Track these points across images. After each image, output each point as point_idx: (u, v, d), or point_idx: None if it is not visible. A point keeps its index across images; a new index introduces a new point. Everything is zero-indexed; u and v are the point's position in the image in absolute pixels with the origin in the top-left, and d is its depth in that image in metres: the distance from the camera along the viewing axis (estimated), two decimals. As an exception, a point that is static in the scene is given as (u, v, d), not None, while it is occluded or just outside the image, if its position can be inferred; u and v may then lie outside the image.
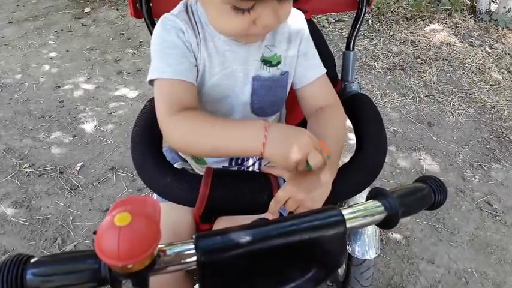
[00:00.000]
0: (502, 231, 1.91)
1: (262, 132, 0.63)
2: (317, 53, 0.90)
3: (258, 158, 0.96)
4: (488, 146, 2.40)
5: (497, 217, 1.98)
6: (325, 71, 0.89)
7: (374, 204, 0.62)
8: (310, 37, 0.89)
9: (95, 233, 0.46)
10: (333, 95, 0.88)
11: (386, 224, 0.62)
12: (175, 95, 0.72)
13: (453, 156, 2.32)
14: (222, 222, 0.88)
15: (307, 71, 0.87)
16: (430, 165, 2.25)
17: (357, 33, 1.14)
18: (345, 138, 0.82)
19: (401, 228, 1.90)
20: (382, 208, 0.62)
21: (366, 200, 0.64)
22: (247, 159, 0.95)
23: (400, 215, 0.62)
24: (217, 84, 0.82)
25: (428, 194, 0.68)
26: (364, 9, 1.11)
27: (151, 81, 0.76)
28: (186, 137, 0.69)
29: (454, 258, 1.78)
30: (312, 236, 0.56)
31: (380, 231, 1.85)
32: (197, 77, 0.80)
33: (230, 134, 0.66)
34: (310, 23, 1.14)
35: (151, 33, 1.05)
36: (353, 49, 1.14)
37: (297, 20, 0.87)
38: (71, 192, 2.04)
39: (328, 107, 0.84)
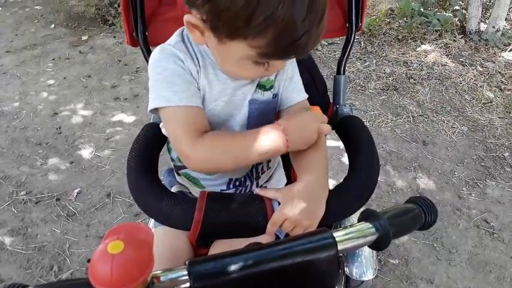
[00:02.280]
0: (500, 248, 1.91)
1: (281, 133, 0.73)
2: (300, 79, 0.93)
3: (255, 177, 0.97)
4: (483, 164, 2.42)
5: (494, 235, 1.98)
6: (307, 96, 0.92)
7: (365, 226, 0.63)
8: (295, 61, 0.92)
9: (89, 261, 0.47)
10: None
11: (377, 245, 0.63)
12: (190, 121, 0.75)
13: (448, 174, 2.34)
14: (219, 246, 0.89)
15: (291, 94, 0.91)
16: (426, 184, 2.26)
17: (347, 57, 1.17)
18: (327, 156, 0.84)
19: (399, 248, 1.90)
20: (374, 230, 0.63)
21: (358, 222, 0.65)
22: (245, 181, 0.97)
23: (391, 236, 0.63)
24: (217, 109, 0.84)
25: (419, 214, 0.69)
26: (353, 35, 1.15)
27: (154, 110, 0.77)
28: (212, 158, 0.74)
29: (453, 277, 1.77)
30: (304, 259, 0.57)
31: (378, 252, 1.84)
32: None
33: (254, 144, 0.73)
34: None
35: (147, 61, 1.08)
36: (344, 73, 1.17)
37: None
38: (67, 219, 2.03)
39: None
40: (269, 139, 0.73)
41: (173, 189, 1.04)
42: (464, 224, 2.04)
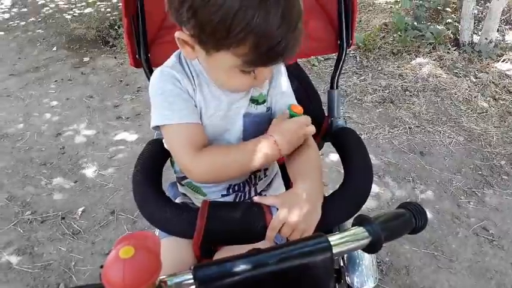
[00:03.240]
0: (500, 255, 1.93)
1: (272, 143, 0.81)
2: (292, 92, 0.98)
3: (253, 183, 1.02)
4: (480, 173, 2.46)
5: (494, 242, 2.00)
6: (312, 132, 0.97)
7: (358, 230, 0.67)
8: (285, 72, 0.98)
9: (101, 267, 0.52)
10: None
11: (370, 248, 0.67)
12: (189, 137, 0.82)
13: (447, 183, 2.37)
14: (222, 254, 0.92)
15: (284, 107, 0.95)
16: (425, 193, 2.30)
17: (339, 73, 1.23)
18: (321, 163, 0.89)
19: (400, 257, 1.92)
20: (366, 234, 0.67)
21: (352, 227, 0.70)
22: (244, 187, 1.01)
23: (383, 240, 0.67)
24: (212, 124, 0.89)
25: (409, 219, 0.73)
26: (344, 52, 1.21)
27: (156, 127, 0.85)
28: (213, 171, 0.81)
29: (454, 285, 1.79)
30: (301, 262, 0.61)
31: (379, 261, 1.87)
32: None
33: (250, 155, 0.81)
34: (296, 67, 1.24)
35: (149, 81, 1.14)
36: (337, 88, 1.22)
37: None
38: (73, 237, 2.07)
39: (303, 143, 0.92)
40: (263, 150, 0.81)
41: (177, 201, 1.08)
42: (464, 232, 2.06)
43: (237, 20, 0.64)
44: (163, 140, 0.99)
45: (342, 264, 1.29)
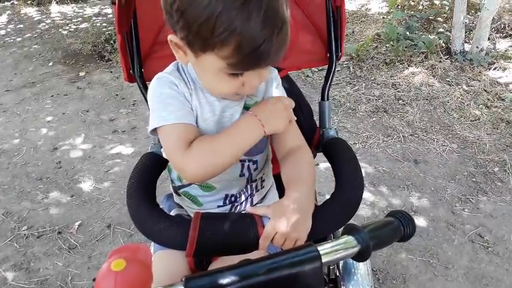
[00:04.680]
0: (496, 262, 1.94)
1: (256, 122, 0.82)
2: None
3: (249, 194, 1.03)
4: (474, 180, 2.48)
5: (489, 248, 2.01)
6: (294, 118, 0.99)
7: (347, 239, 0.69)
8: (281, 84, 1.01)
9: (94, 280, 0.53)
10: (300, 137, 0.98)
11: (359, 256, 0.69)
12: (181, 136, 0.82)
13: (441, 191, 2.39)
14: (217, 266, 0.93)
15: None
16: (420, 201, 2.31)
17: (330, 84, 1.25)
18: (314, 173, 0.91)
19: (397, 266, 1.93)
20: (355, 242, 0.68)
21: (341, 235, 0.71)
22: (240, 197, 1.02)
23: (371, 248, 0.68)
24: (208, 128, 0.91)
25: (397, 227, 0.74)
26: (334, 64, 1.23)
27: (154, 131, 0.85)
28: (205, 162, 0.79)
29: (450, 292, 1.80)
30: (291, 271, 0.63)
31: (375, 269, 1.87)
32: None
33: (238, 136, 0.81)
34: (287, 80, 1.26)
35: (144, 96, 1.16)
36: (328, 99, 1.24)
37: (270, 71, 0.99)
38: (69, 251, 2.06)
39: (298, 151, 0.94)
40: (248, 129, 0.82)
41: (172, 213, 1.09)
42: (459, 239, 2.08)
43: (220, 21, 0.66)
44: (162, 149, 1.01)
45: (337, 273, 1.29)
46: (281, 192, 1.21)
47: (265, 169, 1.07)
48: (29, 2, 7.09)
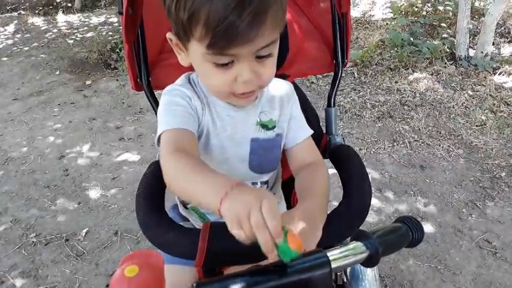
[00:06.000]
0: (504, 268, 1.93)
1: (222, 192, 0.61)
2: (303, 116, 1.00)
3: None
4: (480, 185, 2.47)
5: (497, 254, 2.00)
6: (312, 132, 0.99)
7: (356, 244, 0.69)
8: (298, 100, 1.01)
9: (107, 286, 0.54)
10: (317, 153, 0.98)
11: (368, 262, 0.69)
12: (176, 139, 0.80)
13: (448, 197, 2.38)
14: (226, 276, 0.93)
15: (297, 133, 0.98)
16: (426, 207, 2.31)
17: (336, 91, 1.26)
18: (329, 191, 0.90)
19: (404, 272, 1.92)
20: (364, 248, 0.68)
21: (350, 241, 0.71)
22: None
23: (380, 254, 0.68)
24: (219, 144, 0.91)
25: (406, 232, 0.75)
26: (340, 70, 1.24)
27: (158, 141, 0.83)
28: (170, 175, 0.74)
29: (459, 299, 1.79)
30: (301, 277, 0.63)
31: (383, 276, 1.87)
32: (202, 136, 0.90)
33: (196, 184, 0.69)
34: (294, 86, 1.27)
35: (151, 104, 1.18)
36: (334, 105, 1.25)
37: (286, 87, 1.00)
38: (77, 258, 2.07)
39: (313, 164, 0.94)
40: (211, 192, 0.64)
41: (177, 224, 1.09)
42: (467, 245, 2.06)
43: None
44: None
45: (345, 279, 1.29)
46: (289, 205, 1.22)
47: (275, 187, 1.08)
48: (36, 11, 7.18)
